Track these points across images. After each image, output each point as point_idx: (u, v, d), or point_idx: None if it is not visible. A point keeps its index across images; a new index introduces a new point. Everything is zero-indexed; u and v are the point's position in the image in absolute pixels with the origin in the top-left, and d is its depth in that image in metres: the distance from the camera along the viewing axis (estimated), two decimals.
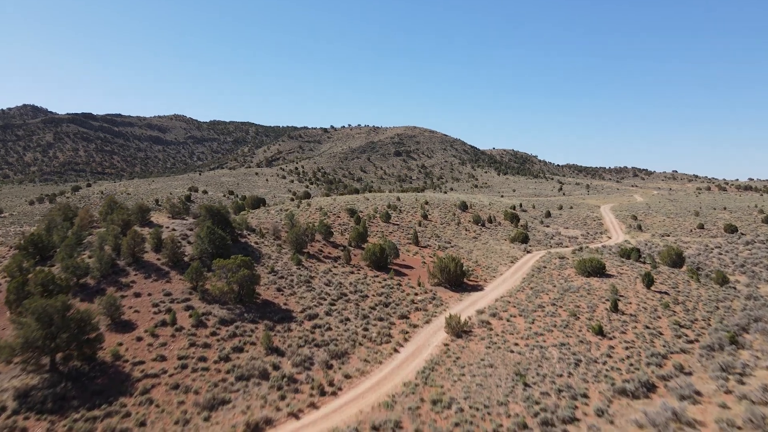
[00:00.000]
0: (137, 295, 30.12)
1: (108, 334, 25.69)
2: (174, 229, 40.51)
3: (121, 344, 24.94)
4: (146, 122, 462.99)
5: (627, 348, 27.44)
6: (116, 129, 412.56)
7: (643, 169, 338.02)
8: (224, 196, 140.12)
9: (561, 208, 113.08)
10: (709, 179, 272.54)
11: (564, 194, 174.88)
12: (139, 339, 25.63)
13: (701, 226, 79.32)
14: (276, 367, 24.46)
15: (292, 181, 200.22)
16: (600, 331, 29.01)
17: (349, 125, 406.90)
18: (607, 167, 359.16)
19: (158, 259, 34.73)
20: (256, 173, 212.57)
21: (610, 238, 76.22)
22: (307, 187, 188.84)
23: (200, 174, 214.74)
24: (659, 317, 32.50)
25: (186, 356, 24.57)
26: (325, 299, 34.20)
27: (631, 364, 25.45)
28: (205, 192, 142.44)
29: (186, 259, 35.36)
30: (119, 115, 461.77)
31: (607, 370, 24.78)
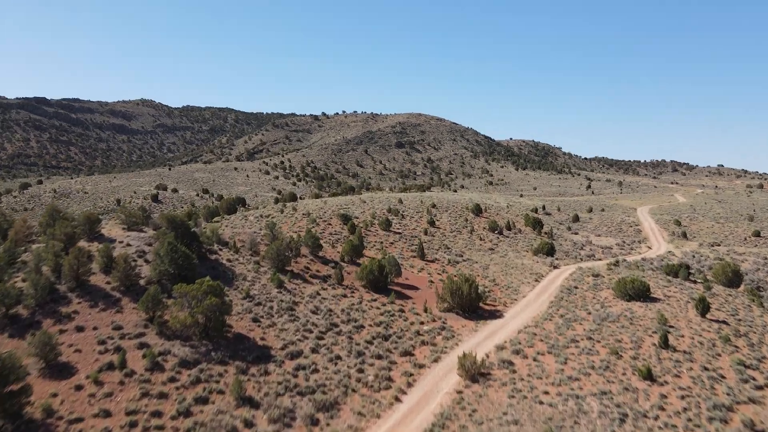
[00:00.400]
0: (80, 329, 28.26)
1: (40, 382, 23.83)
2: (129, 245, 38.71)
3: (55, 395, 23.07)
4: (108, 108, 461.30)
5: (683, 397, 25.63)
6: (74, 116, 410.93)
7: (684, 163, 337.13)
8: (197, 195, 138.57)
9: (591, 210, 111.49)
10: (761, 175, 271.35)
11: (593, 193, 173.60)
12: (79, 388, 23.78)
13: (757, 234, 77.68)
14: (249, 424, 22.65)
15: (277, 177, 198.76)
16: (648, 375, 27.21)
17: (344, 112, 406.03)
18: (642, 161, 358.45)
19: (108, 283, 32.88)
20: (236, 168, 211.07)
21: (650, 248, 74.54)
22: (294, 184, 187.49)
23: (170, 169, 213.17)
24: (719, 355, 30.71)
25: (136, 410, 22.73)
26: (312, 331, 32.41)
27: (690, 419, 23.65)
28: (175, 191, 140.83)
29: (142, 282, 33.54)
30: (77, 100, 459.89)
31: (659, 427, 22.98)
